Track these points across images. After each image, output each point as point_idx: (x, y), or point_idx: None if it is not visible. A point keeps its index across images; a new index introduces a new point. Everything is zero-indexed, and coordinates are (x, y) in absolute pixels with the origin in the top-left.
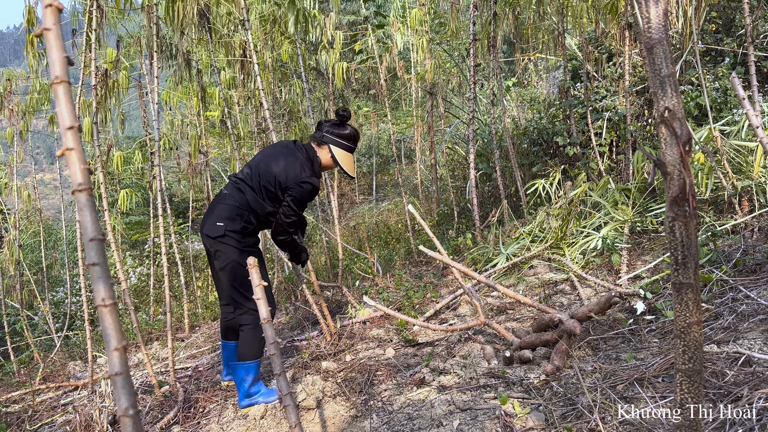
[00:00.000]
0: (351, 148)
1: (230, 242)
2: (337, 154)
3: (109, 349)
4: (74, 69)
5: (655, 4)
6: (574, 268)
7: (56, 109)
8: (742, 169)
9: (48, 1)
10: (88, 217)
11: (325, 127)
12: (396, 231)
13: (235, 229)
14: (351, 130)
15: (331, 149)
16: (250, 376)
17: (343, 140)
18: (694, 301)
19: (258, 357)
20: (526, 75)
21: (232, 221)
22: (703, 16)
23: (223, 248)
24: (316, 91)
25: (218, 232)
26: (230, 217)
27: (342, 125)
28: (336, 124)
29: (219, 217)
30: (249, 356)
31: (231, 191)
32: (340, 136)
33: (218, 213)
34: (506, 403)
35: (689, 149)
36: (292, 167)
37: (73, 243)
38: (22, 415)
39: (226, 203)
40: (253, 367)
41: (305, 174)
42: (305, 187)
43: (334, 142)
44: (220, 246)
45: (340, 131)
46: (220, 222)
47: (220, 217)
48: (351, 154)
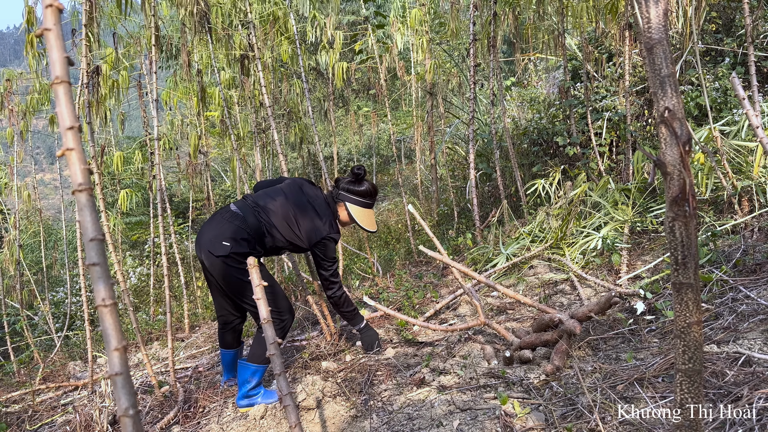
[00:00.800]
0: (368, 204)
1: (232, 263)
2: (353, 211)
3: (109, 349)
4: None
5: (655, 4)
6: (574, 268)
7: (56, 109)
8: (742, 169)
9: (48, 2)
10: (88, 217)
11: (341, 184)
12: (396, 231)
13: (240, 252)
14: (367, 187)
15: (347, 207)
16: (254, 379)
17: (359, 197)
18: (694, 301)
19: (268, 363)
20: (526, 75)
21: (238, 244)
22: (703, 16)
23: (223, 268)
24: (316, 91)
25: (222, 252)
26: (236, 239)
27: (358, 182)
28: (352, 182)
29: (225, 236)
30: (259, 359)
31: (246, 214)
32: (356, 194)
33: (225, 231)
34: (506, 403)
35: (689, 149)
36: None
37: (73, 243)
38: (22, 415)
39: (236, 224)
40: (260, 372)
41: (331, 231)
42: (329, 244)
43: (350, 200)
44: (221, 265)
45: (357, 188)
46: (226, 242)
47: (226, 237)
48: (369, 210)
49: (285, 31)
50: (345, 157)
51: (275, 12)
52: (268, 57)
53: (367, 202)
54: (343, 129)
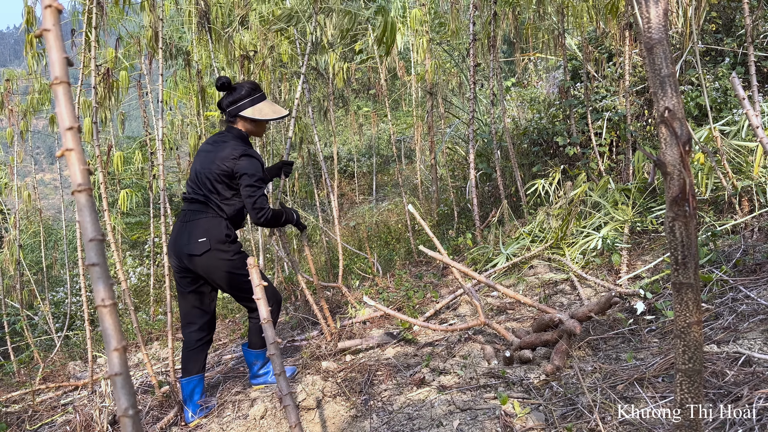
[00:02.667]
0: (257, 98)
1: (219, 255)
2: (250, 113)
3: (109, 349)
4: (74, 69)
5: (655, 4)
6: (574, 268)
7: (56, 110)
8: (742, 169)
9: (47, 2)
10: (88, 217)
11: (224, 104)
12: (396, 231)
13: (219, 240)
14: (243, 85)
15: (242, 116)
16: (259, 361)
17: (243, 100)
18: (694, 301)
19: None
20: (526, 75)
21: (212, 234)
22: (703, 16)
23: (212, 263)
24: (315, 91)
25: (204, 248)
26: (208, 230)
27: (232, 90)
28: (228, 95)
29: (197, 234)
30: (258, 345)
31: (194, 207)
32: (239, 100)
33: (194, 231)
34: (506, 403)
35: (689, 149)
36: (226, 155)
37: (73, 243)
38: (22, 415)
39: (197, 219)
40: (262, 355)
41: (238, 151)
42: (244, 161)
43: (239, 108)
44: (209, 261)
45: (235, 96)
46: (201, 238)
47: (198, 234)
48: (263, 101)
49: (285, 31)
50: (345, 157)
51: (275, 12)
52: (268, 57)
53: (253, 97)
54: (343, 129)
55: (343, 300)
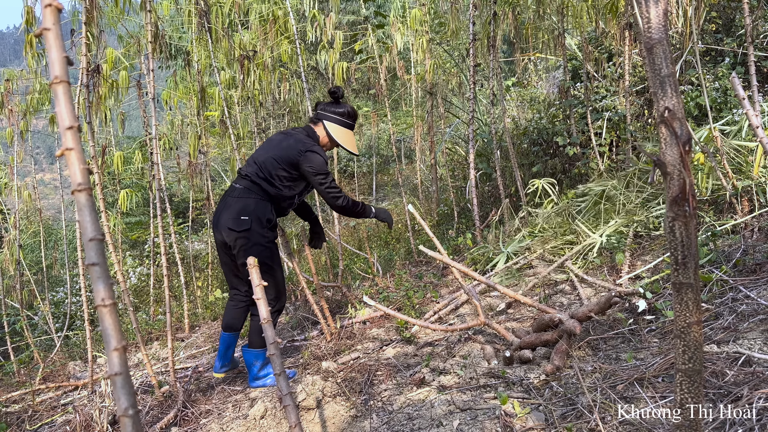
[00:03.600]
0: (347, 124)
1: (254, 237)
2: (331, 129)
3: (108, 349)
4: (74, 69)
5: (655, 4)
6: (574, 268)
7: (56, 109)
8: (742, 169)
9: (47, 1)
10: (88, 217)
11: (320, 106)
12: (396, 231)
13: (261, 223)
14: (346, 107)
15: (325, 125)
16: (258, 361)
17: (337, 116)
18: (694, 301)
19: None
20: (526, 75)
21: (256, 215)
22: (703, 16)
23: (246, 243)
24: (316, 91)
25: (244, 226)
26: (254, 211)
27: (336, 102)
28: (330, 103)
29: (242, 211)
30: (258, 344)
31: (248, 185)
32: (334, 113)
33: (240, 207)
34: (506, 403)
35: (689, 149)
36: (293, 146)
37: (73, 243)
38: (22, 415)
39: (248, 198)
40: (262, 354)
41: (305, 145)
42: (311, 156)
43: (328, 118)
44: (244, 240)
45: (334, 108)
46: (244, 216)
47: (243, 211)
48: (349, 131)
49: (285, 30)
50: (345, 157)
51: (275, 12)
52: (268, 57)
53: (345, 121)
54: None
55: (343, 300)
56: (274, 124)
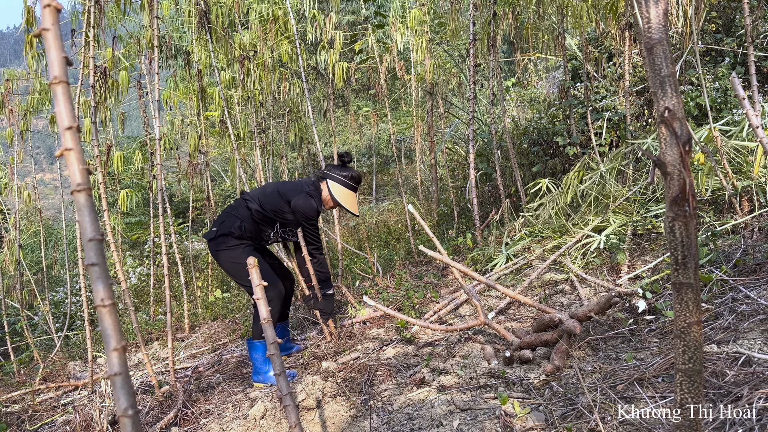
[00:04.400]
0: (350, 186)
1: (221, 246)
2: (333, 188)
3: (108, 350)
4: (74, 69)
5: (655, 4)
6: (574, 268)
7: (55, 109)
8: (742, 169)
9: (46, 2)
10: (87, 217)
11: (327, 167)
12: (396, 231)
13: (224, 232)
14: (352, 171)
15: (328, 184)
16: (258, 353)
17: (341, 177)
18: (694, 301)
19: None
20: (526, 75)
21: (224, 225)
22: (703, 16)
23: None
24: (316, 91)
25: (210, 236)
26: (224, 222)
27: (343, 165)
28: (337, 165)
29: (216, 222)
30: (257, 335)
31: (236, 203)
32: (339, 174)
33: (217, 219)
34: (506, 403)
35: (689, 149)
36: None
37: (73, 243)
38: (22, 415)
39: (227, 212)
40: (261, 346)
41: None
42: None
43: (332, 178)
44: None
45: (340, 170)
46: (214, 227)
47: (216, 222)
48: (351, 192)
49: (285, 30)
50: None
51: (275, 12)
52: (268, 57)
53: (348, 183)
54: (343, 129)
55: (343, 300)
56: (274, 124)
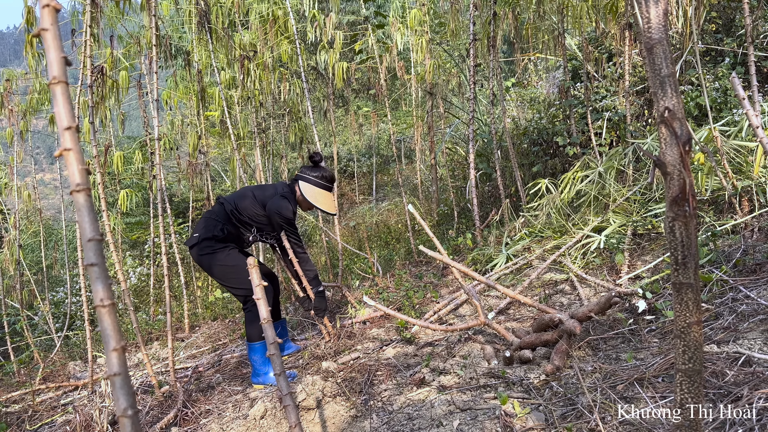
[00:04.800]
0: (322, 185)
1: (205, 251)
2: (305, 189)
3: (108, 350)
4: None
5: (655, 4)
6: (574, 268)
7: (54, 109)
8: (742, 169)
9: (45, 2)
10: (87, 217)
11: (300, 168)
12: (396, 231)
13: (206, 236)
14: (323, 171)
15: (299, 185)
16: (257, 355)
17: (312, 177)
18: (694, 301)
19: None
20: (526, 75)
21: (205, 230)
22: (703, 16)
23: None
24: (316, 91)
25: (192, 242)
26: (205, 227)
27: (315, 166)
28: (309, 166)
29: (196, 228)
30: (253, 337)
31: (214, 207)
32: (309, 174)
33: (197, 225)
34: (506, 403)
35: (689, 149)
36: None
37: (73, 243)
38: (22, 415)
39: (205, 217)
40: (259, 348)
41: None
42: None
43: (303, 179)
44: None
45: (311, 171)
46: (195, 233)
47: (197, 228)
48: (324, 191)
49: (285, 30)
50: (345, 157)
51: (275, 12)
52: (268, 57)
53: (319, 182)
54: (343, 129)
55: (343, 300)
56: (274, 124)
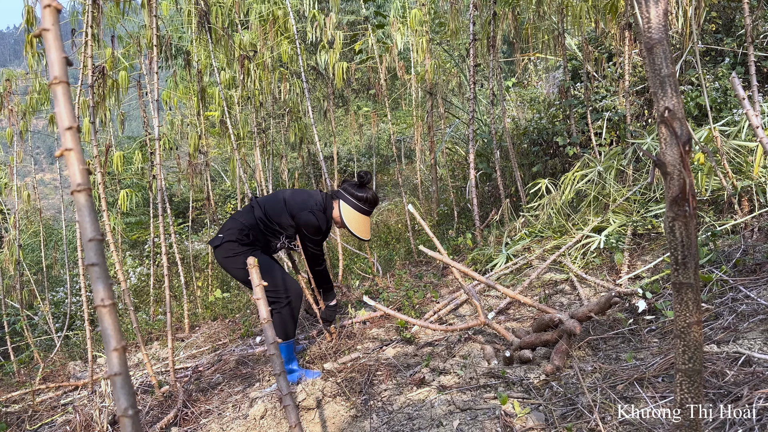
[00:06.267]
0: (362, 209)
1: (228, 253)
2: (344, 210)
3: (108, 350)
4: (74, 69)
5: (655, 4)
6: (574, 268)
7: (55, 110)
8: (742, 169)
9: (46, 2)
10: (87, 217)
11: (343, 185)
12: (396, 231)
13: (230, 239)
14: (367, 193)
15: (340, 205)
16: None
17: (354, 199)
18: (694, 301)
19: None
20: (526, 75)
21: (230, 233)
22: (703, 16)
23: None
24: (316, 91)
25: (216, 242)
26: (230, 229)
27: (360, 186)
28: (354, 184)
29: (222, 229)
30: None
31: (244, 209)
32: (352, 195)
33: (223, 226)
34: (506, 403)
35: (689, 149)
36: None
37: (73, 243)
38: (22, 415)
39: (233, 218)
40: (283, 348)
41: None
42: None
43: (344, 198)
44: (218, 255)
45: (355, 190)
46: (221, 233)
47: (222, 229)
48: (363, 216)
49: (285, 30)
50: (345, 157)
51: (275, 12)
52: (268, 57)
53: (361, 205)
54: (343, 129)
55: (343, 300)
56: (274, 124)
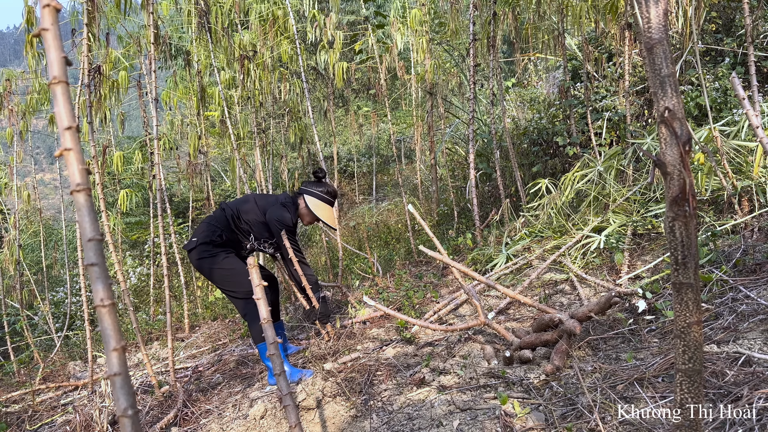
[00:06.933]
0: (326, 200)
1: (203, 254)
2: (310, 202)
3: (108, 350)
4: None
5: (655, 4)
6: (574, 268)
7: (55, 109)
8: (742, 169)
9: (46, 1)
10: (87, 217)
11: (303, 184)
12: (396, 231)
13: (204, 240)
14: (327, 186)
15: (305, 199)
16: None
17: (317, 192)
18: (694, 301)
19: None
20: (526, 75)
21: (203, 235)
22: (703, 16)
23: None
24: (316, 91)
25: (190, 246)
26: (203, 232)
27: (318, 182)
28: (313, 182)
29: (195, 233)
30: (258, 339)
31: (215, 212)
32: (314, 189)
33: (196, 230)
34: (506, 403)
35: (689, 149)
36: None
37: (73, 243)
38: (22, 415)
39: (205, 221)
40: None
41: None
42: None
43: (308, 193)
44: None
45: (315, 186)
46: (194, 237)
47: (195, 233)
48: (327, 206)
49: (285, 31)
50: (345, 157)
51: (275, 12)
52: (268, 57)
53: (324, 196)
54: (343, 129)
55: (343, 300)
56: (274, 124)
